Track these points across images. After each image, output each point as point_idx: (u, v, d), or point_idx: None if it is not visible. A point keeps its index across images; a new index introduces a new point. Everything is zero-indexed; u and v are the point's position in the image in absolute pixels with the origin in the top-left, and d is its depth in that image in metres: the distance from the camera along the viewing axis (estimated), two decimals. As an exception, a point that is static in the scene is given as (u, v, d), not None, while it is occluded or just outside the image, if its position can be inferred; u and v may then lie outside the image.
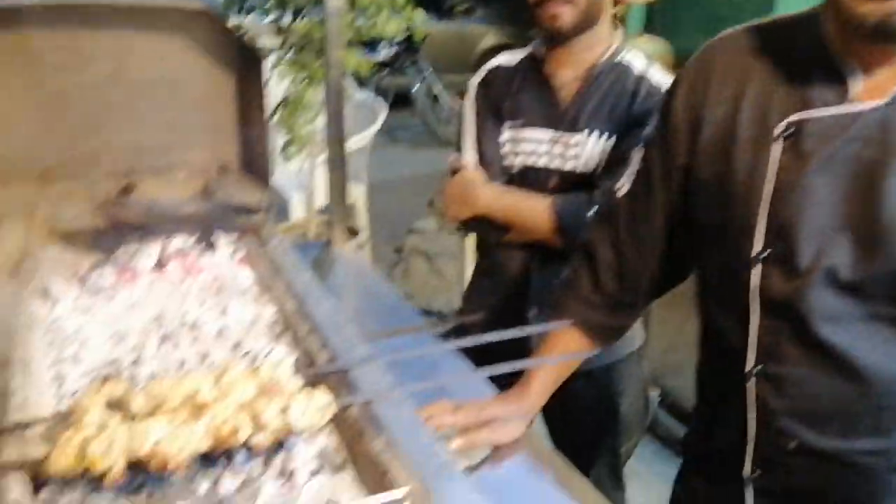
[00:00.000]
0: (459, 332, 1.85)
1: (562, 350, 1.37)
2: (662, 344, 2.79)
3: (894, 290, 1.00)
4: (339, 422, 1.04)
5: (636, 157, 1.26)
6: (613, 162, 1.67)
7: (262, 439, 0.99)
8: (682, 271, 1.28)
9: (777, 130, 1.03)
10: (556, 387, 1.41)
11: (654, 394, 2.69)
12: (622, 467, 1.98)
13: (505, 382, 1.40)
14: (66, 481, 0.95)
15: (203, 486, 0.98)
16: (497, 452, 1.32)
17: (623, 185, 1.28)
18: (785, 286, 1.05)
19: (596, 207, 1.69)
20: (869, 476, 0.92)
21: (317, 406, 1.01)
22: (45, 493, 0.94)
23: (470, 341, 1.24)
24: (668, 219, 1.21)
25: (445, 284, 3.55)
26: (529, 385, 1.38)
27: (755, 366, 1.10)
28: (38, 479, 0.95)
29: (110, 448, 0.92)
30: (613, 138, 1.68)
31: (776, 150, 1.03)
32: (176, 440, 0.94)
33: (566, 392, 1.43)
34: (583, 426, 1.87)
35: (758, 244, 1.05)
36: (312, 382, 1.08)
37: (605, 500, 1.27)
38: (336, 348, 1.20)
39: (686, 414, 2.96)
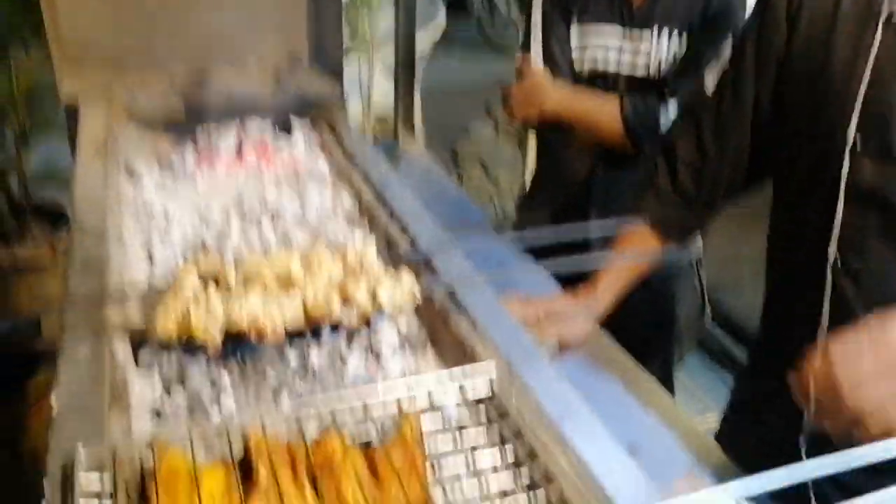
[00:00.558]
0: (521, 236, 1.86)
1: (634, 248, 1.37)
2: (718, 258, 2.78)
3: None
4: (422, 305, 1.07)
5: (725, 52, 1.24)
6: (687, 63, 1.64)
7: (351, 317, 1.02)
8: (764, 173, 1.27)
9: (882, 15, 1.01)
10: (624, 290, 1.42)
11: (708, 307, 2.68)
12: (673, 377, 2.01)
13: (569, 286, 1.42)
14: (163, 347, 1.00)
15: (293, 357, 1.02)
16: (564, 348, 1.35)
17: (709, 82, 1.26)
18: (876, 177, 1.04)
19: (668, 109, 1.66)
20: None
21: (403, 288, 1.04)
22: (144, 357, 0.99)
23: (536, 239, 1.26)
24: (757, 116, 1.20)
25: (501, 192, 3.54)
26: (597, 284, 1.39)
27: (836, 259, 1.10)
28: (138, 344, 1.00)
29: (210, 318, 0.96)
30: (685, 37, 1.64)
31: (878, 36, 1.02)
32: (272, 313, 0.98)
33: (621, 294, 1.45)
34: (636, 333, 1.88)
35: (851, 134, 1.04)
36: (395, 267, 1.11)
37: (671, 400, 1.29)
38: (416, 236, 1.22)
39: (737, 328, 2.97)
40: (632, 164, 1.73)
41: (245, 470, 0.74)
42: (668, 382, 1.97)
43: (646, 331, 1.90)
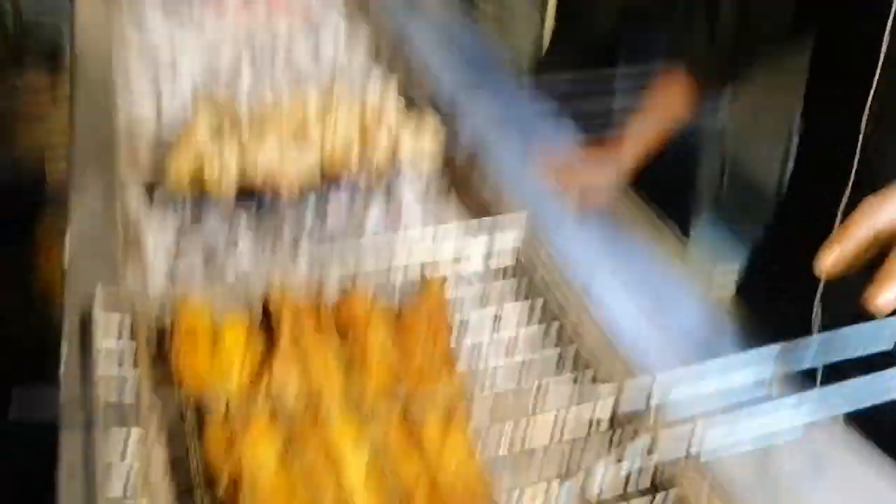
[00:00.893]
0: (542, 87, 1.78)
1: (667, 101, 1.30)
2: (738, 123, 2.69)
3: None
4: (445, 151, 1.02)
5: None
6: None
7: (371, 168, 0.97)
8: (810, 21, 1.18)
9: None
10: (652, 146, 1.36)
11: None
12: (688, 234, 1.98)
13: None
14: (176, 198, 0.96)
15: (309, 211, 0.98)
16: (585, 201, 1.30)
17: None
18: None
19: None
20: None
21: (426, 138, 0.98)
22: (156, 207, 0.95)
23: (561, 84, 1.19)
24: None
25: (518, 41, 3.38)
26: (625, 138, 1.33)
27: (871, 106, 1.04)
28: (150, 193, 0.96)
29: (223, 169, 0.91)
30: None
31: None
32: (289, 162, 0.93)
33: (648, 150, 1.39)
34: (654, 189, 1.83)
35: None
36: (417, 115, 1.05)
37: (690, 260, 1.26)
38: (438, 81, 1.15)
39: (751, 189, 2.90)
40: (663, 17, 1.62)
41: (266, 327, 0.72)
42: (683, 241, 1.94)
43: (664, 183, 1.85)
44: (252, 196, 0.97)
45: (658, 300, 0.85)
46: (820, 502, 0.66)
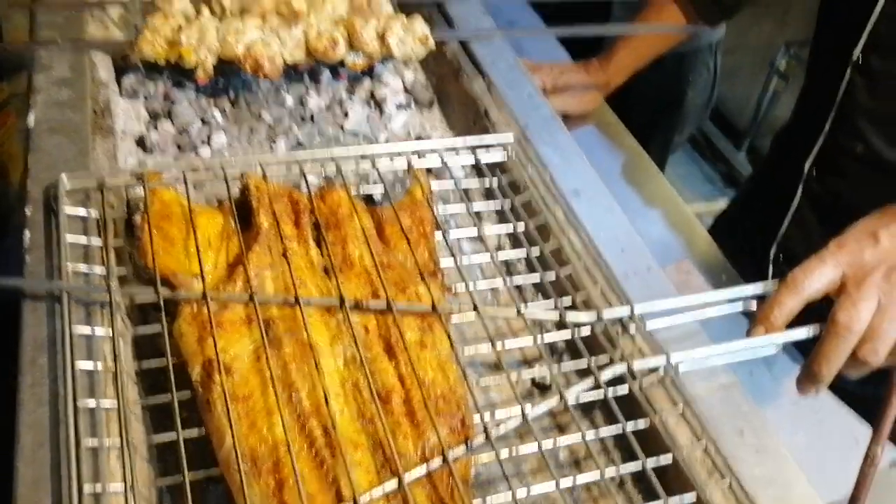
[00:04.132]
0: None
1: (655, 26, 1.27)
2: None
3: None
4: (432, 57, 0.98)
5: None
6: None
7: (357, 60, 0.93)
8: None
9: None
10: (639, 65, 1.33)
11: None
12: (667, 159, 1.97)
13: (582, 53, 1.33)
14: (149, 71, 0.91)
15: (289, 99, 0.94)
16: (568, 121, 1.28)
17: None
18: None
19: None
20: None
21: (416, 35, 0.94)
22: (127, 80, 0.89)
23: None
24: None
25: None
26: (612, 58, 1.30)
27: (858, 56, 1.02)
28: (121, 65, 0.90)
29: (202, 41, 0.86)
30: None
31: None
32: (271, 44, 0.88)
33: (634, 73, 1.36)
34: (643, 110, 1.82)
35: None
36: (404, 10, 1.00)
37: (674, 193, 1.25)
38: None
39: (728, 124, 2.90)
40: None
41: (242, 215, 0.69)
42: (661, 163, 1.93)
43: (652, 108, 1.83)
44: (230, 75, 0.92)
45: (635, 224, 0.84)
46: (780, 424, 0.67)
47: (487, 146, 0.82)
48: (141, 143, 0.84)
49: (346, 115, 0.94)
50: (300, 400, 0.56)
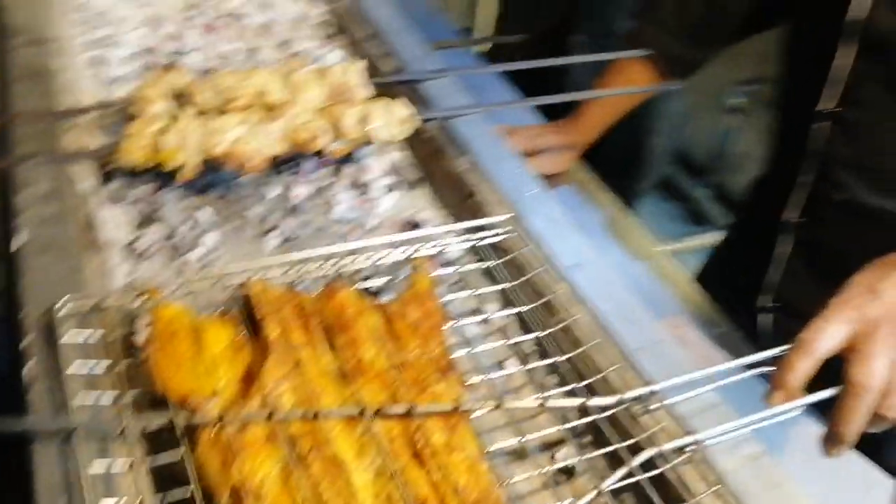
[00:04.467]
0: (498, 53, 1.74)
1: (623, 83, 1.29)
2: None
3: None
4: (416, 136, 0.98)
5: None
6: None
7: (340, 147, 0.92)
8: (777, 14, 1.17)
9: None
10: (610, 121, 1.35)
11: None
12: (634, 207, 1.99)
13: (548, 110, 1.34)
14: (133, 176, 0.89)
15: (274, 191, 0.93)
16: (546, 181, 1.29)
17: None
18: (893, 26, 0.97)
19: None
20: None
21: (398, 117, 0.94)
22: (112, 186, 0.88)
23: (522, 64, 1.17)
24: None
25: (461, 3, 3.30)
26: (586, 116, 1.32)
27: (834, 108, 1.05)
28: (104, 171, 0.89)
29: (184, 143, 0.85)
30: None
31: None
32: (253, 140, 0.87)
33: (606, 129, 1.38)
34: (609, 162, 1.84)
35: None
36: (380, 91, 1.00)
37: (651, 240, 1.26)
38: (403, 57, 1.11)
39: (689, 163, 2.95)
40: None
41: (246, 323, 0.67)
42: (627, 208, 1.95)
43: (618, 156, 1.85)
44: (213, 174, 0.91)
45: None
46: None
47: (484, 227, 0.82)
48: (130, 249, 0.82)
49: (332, 203, 0.93)
50: (335, 520, 0.54)
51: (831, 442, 0.69)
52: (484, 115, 1.02)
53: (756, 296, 1.18)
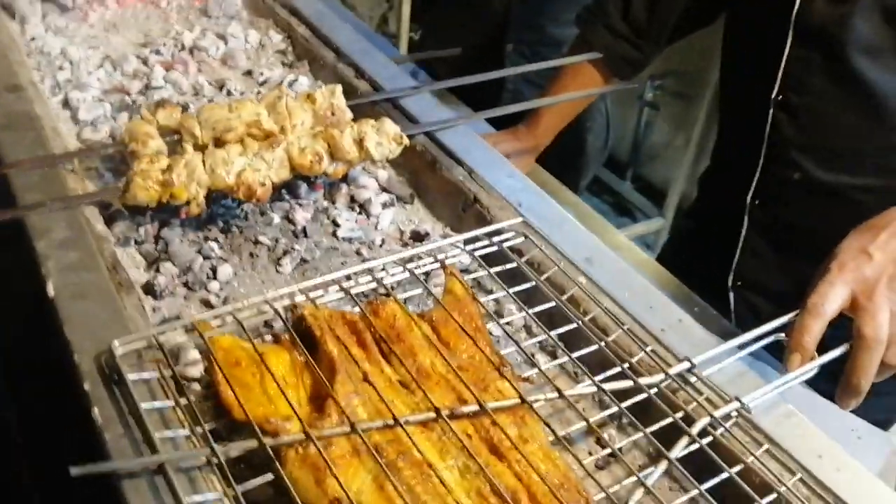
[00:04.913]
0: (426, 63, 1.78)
1: (576, 86, 1.35)
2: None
3: None
4: (402, 153, 1.00)
5: None
6: None
7: (339, 169, 0.94)
8: (714, 10, 1.26)
9: None
10: (564, 124, 1.42)
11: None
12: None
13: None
14: (133, 216, 0.89)
15: (276, 217, 0.94)
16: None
17: None
18: (828, 12, 1.05)
19: None
20: (865, 215, 0.99)
21: (390, 136, 0.96)
22: (117, 228, 0.87)
23: (465, 80, 1.21)
24: None
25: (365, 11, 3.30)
26: (539, 122, 1.38)
27: (777, 95, 1.12)
28: (107, 213, 0.88)
29: (191, 177, 0.85)
30: None
31: None
32: (259, 168, 0.89)
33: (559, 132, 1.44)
34: (550, 162, 1.91)
35: None
36: (357, 112, 1.02)
37: (624, 237, 1.32)
38: (374, 76, 1.13)
39: (610, 157, 3.05)
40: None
41: (301, 346, 0.69)
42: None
43: (558, 156, 1.92)
44: (211, 201, 0.92)
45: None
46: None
47: (498, 232, 0.85)
48: (149, 289, 0.82)
49: (335, 223, 0.95)
50: (438, 518, 0.57)
51: (848, 394, 0.75)
52: (470, 128, 1.06)
53: (721, 276, 1.26)
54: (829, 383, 0.79)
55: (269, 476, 0.59)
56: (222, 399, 0.63)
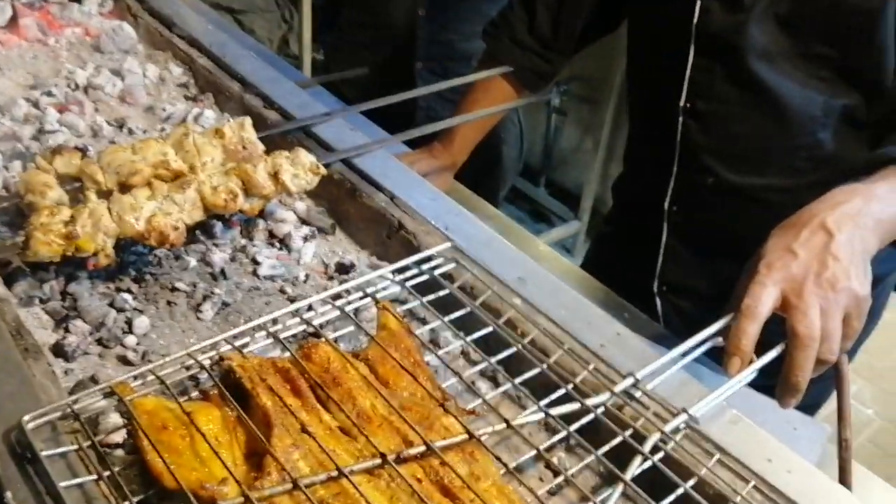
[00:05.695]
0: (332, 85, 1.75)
1: (489, 101, 1.34)
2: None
3: (827, 28, 1.06)
4: (318, 183, 0.97)
5: None
6: None
7: (255, 205, 0.90)
8: (616, 18, 1.27)
9: None
10: (479, 138, 1.41)
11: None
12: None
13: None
14: (34, 272, 0.83)
15: (192, 260, 0.89)
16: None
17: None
18: (725, 21, 1.07)
19: None
20: (778, 214, 1.01)
21: (305, 166, 0.93)
22: (18, 287, 0.81)
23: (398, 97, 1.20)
24: None
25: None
26: (454, 138, 1.37)
27: (686, 102, 1.14)
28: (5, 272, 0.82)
29: (97, 227, 0.80)
30: None
31: None
32: (171, 212, 0.84)
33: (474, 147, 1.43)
34: (468, 176, 1.90)
35: None
36: (270, 144, 0.99)
37: (549, 249, 1.32)
38: (286, 105, 1.10)
39: (530, 169, 3.07)
40: (459, 8, 1.66)
41: (228, 399, 0.65)
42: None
43: (475, 168, 1.91)
44: (120, 250, 0.86)
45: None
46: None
47: (430, 259, 0.83)
48: (59, 351, 0.76)
49: (255, 261, 0.91)
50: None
51: (788, 393, 0.75)
52: (387, 151, 1.03)
53: (646, 281, 1.27)
54: (762, 377, 0.79)
55: (209, 547, 0.55)
56: (150, 467, 0.58)
